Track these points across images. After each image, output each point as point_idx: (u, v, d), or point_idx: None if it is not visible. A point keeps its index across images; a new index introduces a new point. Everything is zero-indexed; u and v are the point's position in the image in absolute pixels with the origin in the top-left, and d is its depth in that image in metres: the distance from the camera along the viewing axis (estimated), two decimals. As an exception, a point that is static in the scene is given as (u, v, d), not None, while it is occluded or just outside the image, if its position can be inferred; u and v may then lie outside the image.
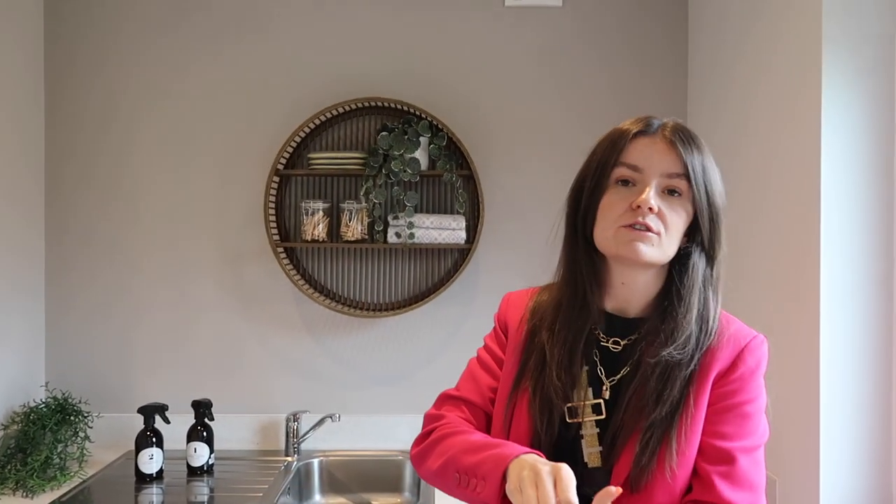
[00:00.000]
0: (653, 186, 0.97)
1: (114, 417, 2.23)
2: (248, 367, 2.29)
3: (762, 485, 0.99)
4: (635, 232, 0.96)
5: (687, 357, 0.98)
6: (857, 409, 1.50)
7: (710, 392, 0.99)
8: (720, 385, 0.99)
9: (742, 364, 0.99)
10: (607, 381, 1.03)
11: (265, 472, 2.07)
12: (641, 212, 0.96)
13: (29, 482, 1.87)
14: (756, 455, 1.00)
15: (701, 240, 1.01)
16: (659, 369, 0.98)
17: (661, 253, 0.98)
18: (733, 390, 0.99)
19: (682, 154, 0.98)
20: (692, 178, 0.98)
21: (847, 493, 1.50)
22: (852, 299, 1.50)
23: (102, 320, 2.28)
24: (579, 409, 1.01)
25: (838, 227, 1.50)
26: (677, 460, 0.96)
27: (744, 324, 1.05)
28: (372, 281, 2.31)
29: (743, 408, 0.99)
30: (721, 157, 2.04)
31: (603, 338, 1.04)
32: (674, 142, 0.99)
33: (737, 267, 1.91)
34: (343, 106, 2.21)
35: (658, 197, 0.97)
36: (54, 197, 2.27)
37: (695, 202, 0.98)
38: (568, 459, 0.93)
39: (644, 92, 2.28)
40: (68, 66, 2.27)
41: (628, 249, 0.96)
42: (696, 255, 1.01)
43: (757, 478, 0.98)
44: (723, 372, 0.99)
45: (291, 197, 2.30)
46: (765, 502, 1.00)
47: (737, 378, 0.99)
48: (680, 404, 0.97)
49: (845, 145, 1.50)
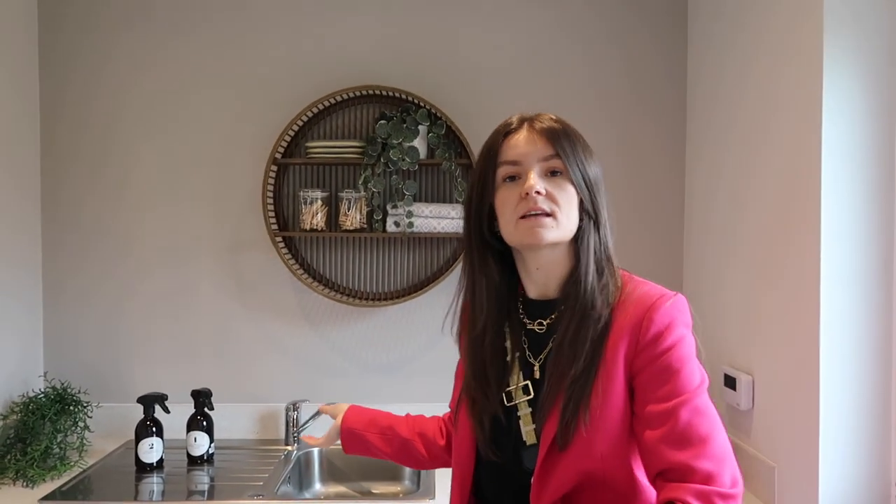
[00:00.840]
0: (534, 172, 1.05)
1: (113, 407, 2.23)
2: (247, 356, 2.29)
3: (712, 433, 0.98)
4: (532, 219, 1.04)
5: (594, 321, 1.03)
6: (856, 396, 1.50)
7: (631, 361, 1.02)
8: (638, 352, 1.01)
9: (652, 325, 1.01)
10: (535, 361, 1.10)
11: (265, 461, 2.08)
12: (531, 198, 1.03)
13: (29, 472, 1.87)
14: (695, 406, 0.99)
15: (587, 211, 1.07)
16: (569, 336, 1.04)
17: (561, 231, 1.05)
18: (652, 354, 1.01)
19: (550, 137, 1.06)
20: (564, 156, 1.05)
21: (846, 480, 1.51)
22: (853, 283, 1.50)
23: (100, 311, 2.27)
24: (514, 394, 1.10)
25: (838, 209, 1.50)
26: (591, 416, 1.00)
27: (656, 286, 1.07)
28: (370, 270, 2.31)
29: (666, 366, 1.00)
30: (718, 133, 2.03)
31: (528, 322, 1.12)
32: (540, 130, 1.07)
33: (733, 249, 1.91)
34: (341, 94, 2.20)
35: (542, 180, 1.05)
36: (51, 188, 2.26)
37: (572, 176, 1.06)
38: (514, 443, 1.07)
39: (648, 81, 2.28)
40: (64, 70, 2.25)
41: (531, 236, 1.04)
42: (587, 226, 1.07)
43: (702, 429, 0.98)
44: (635, 336, 1.02)
45: (289, 186, 2.29)
46: (720, 447, 0.98)
47: (651, 340, 1.01)
48: (592, 364, 1.02)
49: (846, 125, 1.50)
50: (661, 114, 2.30)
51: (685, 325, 1.03)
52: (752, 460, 1.79)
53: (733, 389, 1.86)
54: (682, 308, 1.04)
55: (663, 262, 2.29)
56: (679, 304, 1.04)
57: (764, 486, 1.73)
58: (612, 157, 2.29)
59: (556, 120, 1.09)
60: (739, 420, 1.89)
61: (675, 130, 2.30)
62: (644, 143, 2.30)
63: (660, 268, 2.27)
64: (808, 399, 1.54)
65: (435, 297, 2.26)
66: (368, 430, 1.36)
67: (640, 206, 2.30)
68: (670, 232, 2.31)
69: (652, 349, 1.00)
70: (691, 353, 1.02)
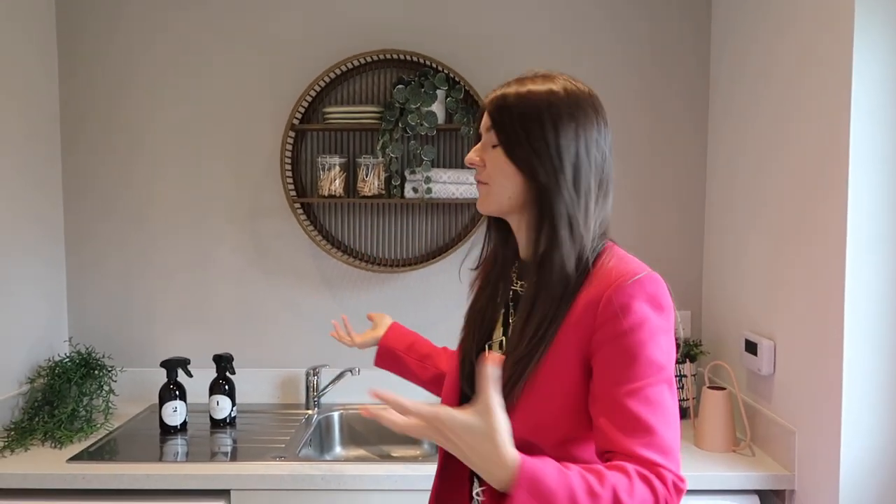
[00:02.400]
0: (481, 143, 1.09)
1: (136, 372, 2.26)
2: (267, 321, 2.31)
3: (660, 426, 0.92)
4: (479, 187, 1.10)
5: (550, 292, 1.01)
6: (880, 361, 1.49)
7: (588, 339, 0.97)
8: (595, 330, 0.97)
9: (610, 304, 0.96)
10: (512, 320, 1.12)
11: (286, 424, 2.11)
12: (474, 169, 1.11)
13: (57, 433, 1.91)
14: (646, 395, 0.93)
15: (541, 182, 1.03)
16: (525, 308, 1.04)
17: (495, 201, 1.07)
18: (610, 334, 0.96)
19: (491, 110, 1.07)
20: (499, 128, 1.05)
21: (868, 445, 1.50)
22: (879, 248, 1.48)
23: (122, 276, 2.30)
24: (493, 347, 1.14)
25: (866, 173, 1.47)
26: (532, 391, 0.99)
27: (633, 263, 1.01)
28: (389, 236, 2.30)
29: (623, 349, 0.95)
30: (742, 97, 1.99)
31: (516, 283, 1.14)
32: (488, 101, 1.09)
33: (756, 213, 1.89)
34: (359, 59, 2.17)
35: (484, 151, 1.08)
36: (72, 155, 2.27)
37: (506, 149, 1.04)
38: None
39: (671, 44, 2.23)
40: (82, 32, 2.24)
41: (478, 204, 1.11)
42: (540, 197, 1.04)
43: (652, 420, 0.92)
44: (593, 313, 0.97)
45: (308, 152, 2.28)
46: (668, 441, 0.92)
47: (608, 319, 0.96)
48: (542, 342, 1.00)
49: (876, 89, 1.46)
50: (685, 78, 2.25)
51: (652, 305, 0.96)
52: (772, 424, 1.79)
53: (754, 354, 1.85)
54: (650, 288, 0.97)
55: (685, 228, 2.26)
56: (646, 283, 0.97)
57: (784, 450, 1.73)
58: (634, 124, 2.26)
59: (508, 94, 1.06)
60: (760, 385, 1.88)
61: (698, 96, 2.26)
62: (666, 110, 2.26)
63: (681, 233, 2.25)
64: (831, 364, 1.53)
65: (453, 263, 2.26)
66: (408, 353, 1.47)
67: (662, 172, 2.27)
68: (692, 196, 2.28)
69: (609, 329, 0.95)
70: (653, 336, 0.95)
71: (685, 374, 2.07)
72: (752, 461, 1.79)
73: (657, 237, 2.25)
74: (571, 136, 1.03)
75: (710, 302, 2.22)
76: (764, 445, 1.84)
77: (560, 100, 1.05)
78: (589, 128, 1.04)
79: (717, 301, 2.16)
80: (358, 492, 1.74)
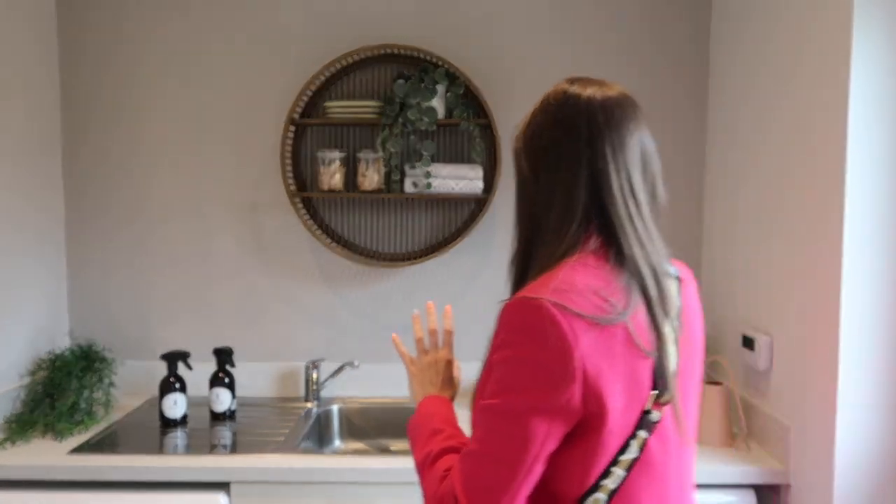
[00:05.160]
0: None
1: (136, 365, 2.27)
2: (267, 315, 2.32)
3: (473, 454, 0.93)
4: None
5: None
6: (876, 357, 1.50)
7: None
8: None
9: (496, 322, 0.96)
10: None
11: (286, 417, 2.12)
12: None
13: (57, 426, 1.92)
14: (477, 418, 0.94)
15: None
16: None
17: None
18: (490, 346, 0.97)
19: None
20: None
21: (863, 441, 1.51)
22: (875, 244, 1.49)
23: (122, 269, 2.31)
24: None
25: (863, 168, 1.48)
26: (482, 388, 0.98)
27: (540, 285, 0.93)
28: (388, 231, 2.31)
29: (487, 365, 0.96)
30: (739, 84, 1.98)
31: None
32: None
33: (753, 209, 1.90)
34: (359, 53, 2.18)
35: None
36: (73, 147, 2.28)
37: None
38: None
39: (670, 30, 2.24)
40: (83, 24, 2.24)
41: None
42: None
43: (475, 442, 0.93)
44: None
45: (308, 147, 2.29)
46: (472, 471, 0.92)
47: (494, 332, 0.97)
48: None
49: (874, 83, 1.47)
50: (683, 70, 2.26)
51: (517, 331, 0.91)
52: (768, 420, 1.80)
53: (751, 350, 1.86)
54: (521, 313, 0.91)
55: (682, 222, 2.27)
56: (517, 308, 0.92)
57: (780, 445, 1.74)
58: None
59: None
60: (756, 381, 1.90)
61: (696, 90, 2.26)
62: (664, 103, 2.26)
63: (679, 228, 2.26)
64: (827, 360, 1.54)
65: (453, 258, 2.27)
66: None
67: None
68: (690, 190, 2.29)
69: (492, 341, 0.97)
70: (507, 362, 0.92)
71: (682, 369, 2.08)
72: (748, 456, 1.81)
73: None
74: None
75: (708, 297, 2.22)
76: (760, 440, 1.86)
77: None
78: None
79: (714, 297, 2.17)
80: (357, 485, 1.75)
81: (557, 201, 0.98)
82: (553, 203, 0.98)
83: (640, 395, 0.92)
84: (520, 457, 0.90)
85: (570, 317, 0.88)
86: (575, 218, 0.97)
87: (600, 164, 0.96)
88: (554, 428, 0.90)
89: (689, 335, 1.03)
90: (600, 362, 0.89)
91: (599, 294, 0.91)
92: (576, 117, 0.98)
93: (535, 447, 0.89)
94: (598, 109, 0.98)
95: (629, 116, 1.00)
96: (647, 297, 0.94)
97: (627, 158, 0.98)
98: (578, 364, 0.88)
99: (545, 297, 0.90)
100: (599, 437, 0.90)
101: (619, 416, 0.90)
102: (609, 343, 0.90)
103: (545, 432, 0.89)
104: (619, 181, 0.97)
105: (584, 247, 0.96)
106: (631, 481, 0.93)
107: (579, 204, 0.97)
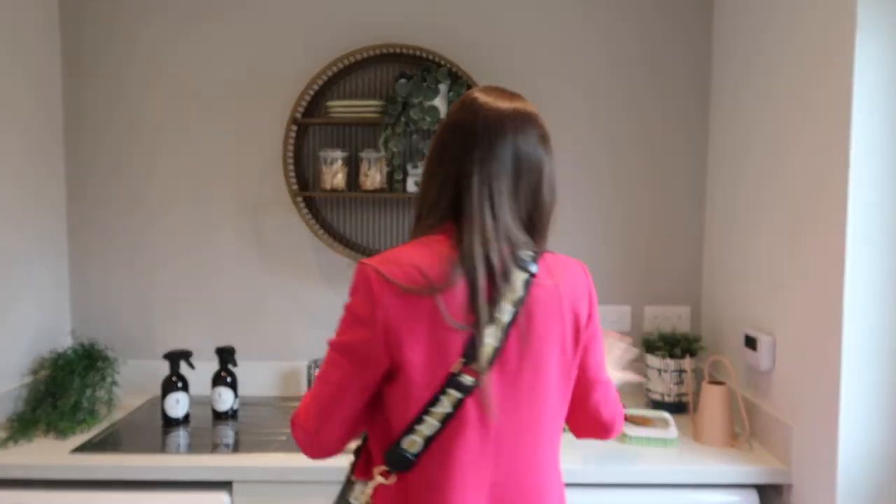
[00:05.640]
0: None
1: (138, 364, 2.27)
2: (269, 315, 2.32)
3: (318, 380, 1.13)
4: None
5: None
6: (879, 357, 1.50)
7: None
8: None
9: None
10: None
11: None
12: None
13: (60, 424, 1.92)
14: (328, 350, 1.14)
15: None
16: None
17: None
18: None
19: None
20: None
21: (866, 441, 1.51)
22: (878, 244, 1.48)
23: (124, 269, 2.31)
24: None
25: (867, 168, 1.48)
26: None
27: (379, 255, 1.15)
28: (391, 230, 2.31)
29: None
30: (744, 89, 1.98)
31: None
32: None
33: (757, 208, 1.90)
34: (361, 53, 2.18)
35: None
36: (74, 147, 2.28)
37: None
38: None
39: (670, 37, 2.24)
40: (84, 21, 2.25)
41: None
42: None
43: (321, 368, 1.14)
44: None
45: (310, 146, 2.29)
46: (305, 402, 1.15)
47: None
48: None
49: (879, 83, 1.47)
50: (686, 73, 2.26)
51: (351, 288, 1.12)
52: (770, 419, 1.80)
53: (754, 350, 1.86)
54: (355, 274, 1.11)
55: (685, 222, 2.27)
56: (355, 270, 1.11)
57: (782, 445, 1.74)
58: (634, 117, 2.26)
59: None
60: (759, 380, 1.90)
61: (699, 92, 2.27)
62: (668, 104, 2.26)
63: (681, 227, 2.26)
64: (829, 360, 1.54)
65: (455, 257, 2.26)
66: None
67: (662, 168, 2.28)
68: (692, 192, 2.29)
69: None
70: (343, 311, 1.13)
71: (685, 369, 2.09)
72: (750, 456, 1.81)
73: (657, 233, 2.26)
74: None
75: (710, 297, 2.23)
76: (762, 440, 1.86)
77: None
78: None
79: (716, 296, 2.17)
80: (359, 484, 1.75)
81: (432, 191, 1.14)
82: (429, 191, 1.15)
83: (446, 359, 1.06)
84: (337, 386, 1.10)
85: (382, 281, 1.07)
86: (439, 208, 1.13)
87: (467, 168, 1.11)
88: (362, 367, 1.09)
89: (535, 326, 1.11)
90: (402, 321, 1.06)
91: (420, 269, 1.07)
92: (463, 123, 1.13)
93: (345, 379, 1.09)
94: (481, 119, 1.12)
95: (509, 130, 1.12)
96: (473, 284, 1.07)
97: (493, 168, 1.11)
98: (380, 315, 1.06)
99: (370, 264, 1.09)
100: (407, 384, 1.07)
101: (421, 370, 1.06)
102: (414, 308, 1.06)
103: (353, 369, 1.09)
104: (479, 186, 1.10)
105: (439, 231, 1.12)
106: (447, 434, 1.07)
107: (446, 198, 1.13)
